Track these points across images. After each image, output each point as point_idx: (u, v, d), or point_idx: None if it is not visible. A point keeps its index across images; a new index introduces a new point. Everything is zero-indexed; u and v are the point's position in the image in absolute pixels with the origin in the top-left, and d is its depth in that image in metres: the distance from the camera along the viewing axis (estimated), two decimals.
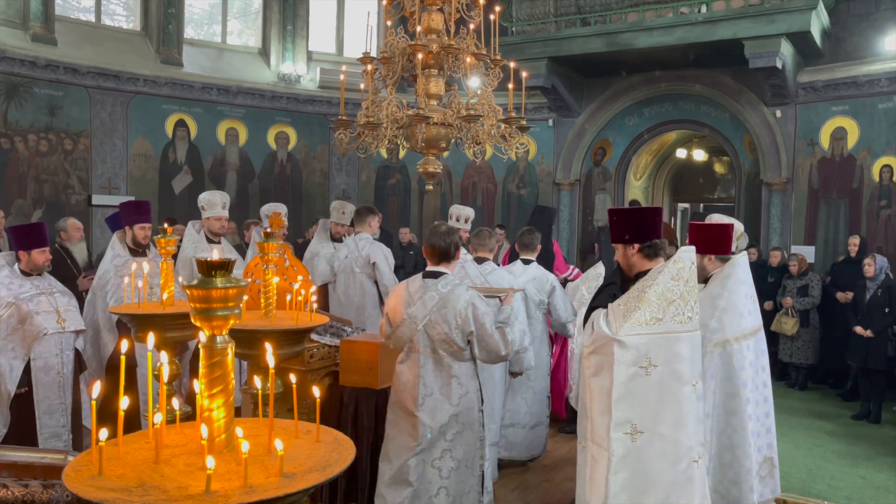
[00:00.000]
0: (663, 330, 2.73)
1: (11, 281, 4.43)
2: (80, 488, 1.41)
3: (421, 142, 5.07)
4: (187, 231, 5.86)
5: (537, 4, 10.33)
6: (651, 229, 3.04)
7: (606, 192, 11.67)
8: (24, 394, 4.38)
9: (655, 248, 3.01)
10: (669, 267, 2.81)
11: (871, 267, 7.02)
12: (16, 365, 4.34)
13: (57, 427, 4.49)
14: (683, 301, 2.79)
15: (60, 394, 4.50)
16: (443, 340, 3.60)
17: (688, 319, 2.78)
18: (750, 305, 3.65)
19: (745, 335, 3.57)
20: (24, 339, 4.35)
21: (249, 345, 2.88)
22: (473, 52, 5.11)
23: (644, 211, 3.24)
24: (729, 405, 3.50)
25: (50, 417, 4.47)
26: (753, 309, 3.68)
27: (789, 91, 9.67)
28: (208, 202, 5.82)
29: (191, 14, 11.79)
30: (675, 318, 2.75)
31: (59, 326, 4.47)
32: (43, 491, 2.45)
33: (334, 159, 12.40)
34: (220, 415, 1.61)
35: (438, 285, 3.64)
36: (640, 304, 2.74)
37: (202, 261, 1.61)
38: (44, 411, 4.44)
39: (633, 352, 2.71)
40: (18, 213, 9.32)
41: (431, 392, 3.62)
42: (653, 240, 3.03)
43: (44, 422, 4.44)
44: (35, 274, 4.52)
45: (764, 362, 3.74)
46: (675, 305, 2.76)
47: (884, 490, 5.19)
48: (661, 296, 2.75)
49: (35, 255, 4.44)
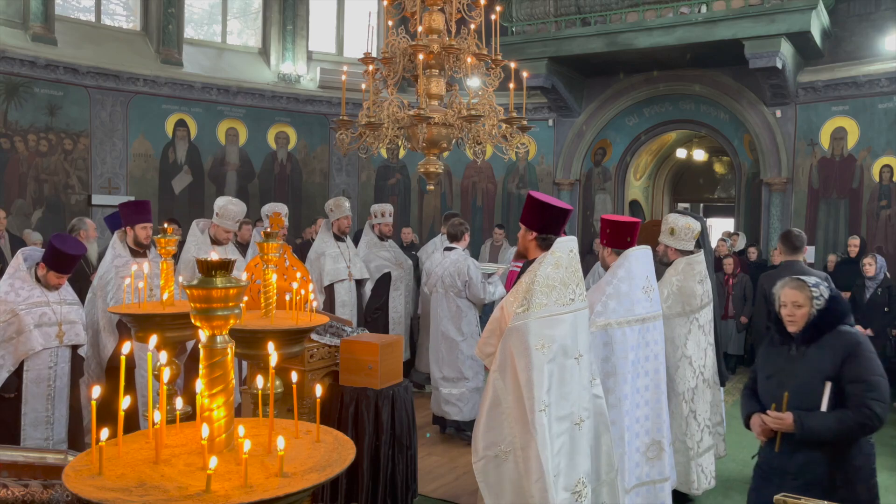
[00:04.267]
0: (547, 314, 3.16)
1: (21, 286, 4.35)
2: (80, 488, 1.41)
3: (422, 142, 5.07)
4: (191, 230, 5.81)
5: (537, 4, 10.33)
6: (555, 226, 3.45)
7: (606, 192, 11.67)
8: (12, 399, 4.29)
9: (549, 243, 3.38)
10: (548, 257, 3.23)
11: (872, 267, 7.03)
12: (1, 375, 4.25)
13: (40, 440, 4.39)
14: (564, 286, 3.23)
15: (48, 406, 4.40)
16: (450, 285, 5.93)
17: (569, 301, 3.23)
18: (641, 296, 3.92)
19: (629, 321, 3.83)
20: (15, 352, 4.26)
21: (249, 345, 2.88)
22: (474, 52, 5.11)
23: (556, 210, 3.50)
24: (606, 384, 3.70)
25: (34, 429, 4.37)
26: (647, 299, 3.95)
27: (789, 91, 9.67)
28: (224, 211, 5.65)
29: (191, 14, 11.79)
30: (557, 302, 3.19)
31: (57, 341, 4.38)
32: (43, 491, 2.45)
33: (334, 159, 12.40)
34: (220, 415, 1.61)
35: (451, 255, 6.02)
36: (529, 296, 3.16)
37: (202, 261, 1.61)
38: (29, 423, 4.35)
39: (531, 336, 3.12)
40: (18, 213, 9.32)
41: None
42: (548, 235, 3.44)
43: (28, 433, 4.35)
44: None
45: (656, 350, 4.00)
46: (556, 291, 3.18)
47: (884, 490, 5.16)
48: (546, 286, 3.17)
49: (51, 276, 4.37)
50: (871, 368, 2.98)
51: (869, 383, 2.94)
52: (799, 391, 3.03)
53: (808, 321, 3.06)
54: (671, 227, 4.70)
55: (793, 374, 3.08)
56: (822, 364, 3.01)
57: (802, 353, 3.09)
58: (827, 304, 3.07)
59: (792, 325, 3.10)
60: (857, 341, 3.03)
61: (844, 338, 3.05)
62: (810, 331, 3.06)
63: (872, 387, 2.93)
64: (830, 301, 3.08)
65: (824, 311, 3.07)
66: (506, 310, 3.25)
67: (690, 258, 4.65)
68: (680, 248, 4.69)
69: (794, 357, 3.11)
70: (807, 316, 3.06)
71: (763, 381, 3.24)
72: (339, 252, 6.82)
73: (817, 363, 3.02)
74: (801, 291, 3.09)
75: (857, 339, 3.04)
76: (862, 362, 2.99)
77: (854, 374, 2.96)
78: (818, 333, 3.05)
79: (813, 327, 3.06)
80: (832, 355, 3.01)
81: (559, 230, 3.48)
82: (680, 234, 4.68)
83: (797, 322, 3.08)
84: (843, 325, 3.11)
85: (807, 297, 3.06)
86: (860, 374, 2.96)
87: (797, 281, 3.14)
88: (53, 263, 4.37)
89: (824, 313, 3.06)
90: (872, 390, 2.93)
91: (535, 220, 3.48)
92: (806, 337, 3.07)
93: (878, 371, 2.97)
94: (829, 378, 2.98)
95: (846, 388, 2.96)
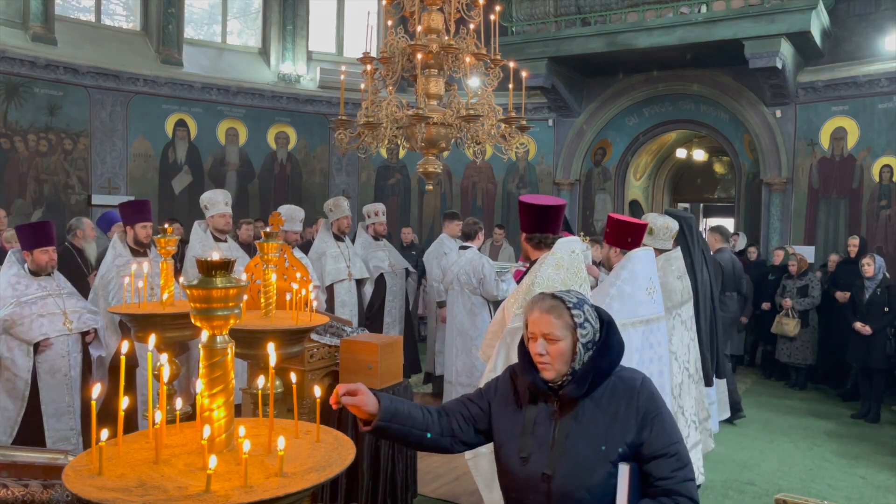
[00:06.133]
0: None
1: (18, 281, 4.37)
2: (80, 488, 1.41)
3: (421, 142, 5.07)
4: (193, 231, 5.87)
5: (537, 4, 10.33)
6: (546, 224, 3.47)
7: (606, 192, 11.67)
8: (29, 398, 4.31)
9: (536, 241, 3.38)
10: (549, 259, 3.22)
11: (871, 267, 7.02)
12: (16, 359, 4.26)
13: (65, 430, 4.42)
14: (565, 285, 3.18)
15: (68, 396, 4.44)
16: (465, 283, 6.14)
17: None
18: (645, 297, 3.93)
19: (633, 322, 3.81)
20: (26, 335, 4.28)
21: (249, 345, 2.88)
22: (473, 51, 5.11)
23: (540, 208, 3.55)
24: None
25: (58, 421, 4.40)
26: (650, 301, 3.96)
27: (789, 91, 9.67)
28: (211, 200, 5.83)
29: (191, 14, 11.79)
30: None
31: (66, 329, 4.42)
32: (43, 491, 2.45)
33: (334, 159, 12.40)
34: (220, 415, 1.61)
35: (466, 253, 6.26)
36: (529, 297, 3.16)
37: (202, 260, 1.61)
38: (51, 414, 4.37)
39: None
40: (18, 213, 9.32)
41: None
42: (533, 234, 3.46)
43: (51, 425, 4.37)
44: (44, 274, 4.46)
45: (660, 352, 3.99)
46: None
47: (884, 490, 5.19)
48: (546, 287, 3.15)
49: (37, 254, 4.38)
50: (673, 429, 1.94)
51: (678, 457, 1.90)
52: (570, 473, 1.90)
53: (572, 367, 1.94)
54: (650, 227, 4.79)
55: (556, 445, 1.93)
56: (600, 429, 1.92)
57: (572, 414, 1.95)
58: (599, 335, 1.98)
59: (547, 369, 1.95)
60: (650, 391, 1.96)
61: (631, 386, 1.95)
62: (579, 381, 1.93)
63: (682, 460, 1.91)
64: (606, 330, 1.99)
65: (599, 349, 1.96)
66: (507, 311, 3.25)
67: (668, 254, 4.78)
68: (658, 247, 4.77)
69: (554, 418, 1.97)
70: (568, 355, 1.94)
71: (507, 453, 2.03)
72: (339, 252, 6.84)
73: (593, 428, 1.92)
74: (555, 317, 1.95)
75: (649, 388, 1.97)
76: (665, 422, 1.92)
77: (658, 445, 1.90)
78: (589, 382, 1.93)
79: (582, 376, 1.93)
80: (617, 415, 1.92)
81: (551, 227, 3.50)
82: (658, 234, 4.82)
83: (553, 365, 1.94)
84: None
85: (566, 324, 1.95)
86: (664, 443, 1.90)
87: (552, 300, 1.98)
88: (32, 241, 4.38)
89: (598, 352, 1.96)
90: (683, 466, 1.90)
91: (524, 221, 3.53)
92: (583, 390, 1.93)
93: (678, 432, 1.96)
94: (617, 450, 1.89)
95: (646, 465, 1.90)
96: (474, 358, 6.08)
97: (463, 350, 6.23)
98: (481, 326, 6.13)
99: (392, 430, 2.00)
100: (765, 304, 8.69)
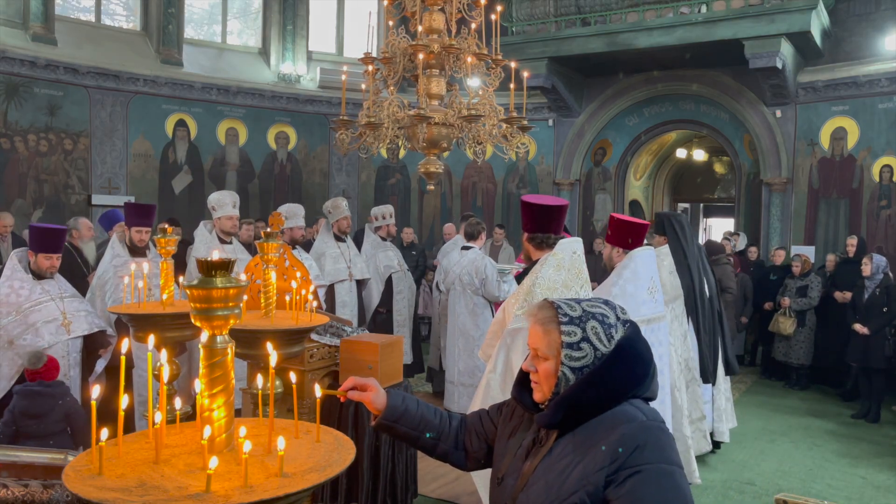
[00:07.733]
0: None
1: (21, 286, 4.38)
2: (79, 488, 1.41)
3: (422, 142, 5.07)
4: (199, 231, 5.88)
5: (537, 4, 10.33)
6: (548, 224, 3.49)
7: (606, 192, 11.67)
8: None
9: (538, 241, 3.41)
10: (550, 259, 3.23)
11: (868, 266, 7.02)
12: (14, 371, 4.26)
13: None
14: (566, 288, 3.22)
15: None
16: (468, 283, 6.18)
17: None
18: (647, 296, 3.97)
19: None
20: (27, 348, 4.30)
21: (249, 345, 2.87)
22: (474, 51, 5.11)
23: (542, 207, 3.57)
24: None
25: None
26: (651, 300, 4.01)
27: (789, 91, 9.67)
28: (219, 202, 5.79)
29: (191, 14, 11.79)
30: None
31: (66, 334, 4.42)
32: (43, 491, 2.45)
33: (334, 159, 12.40)
34: (220, 415, 1.61)
35: (469, 254, 6.30)
36: (529, 298, 3.20)
37: (202, 260, 1.60)
38: None
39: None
40: (18, 213, 9.31)
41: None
42: (535, 233, 3.48)
43: None
44: (48, 276, 4.50)
45: (661, 352, 4.04)
46: (557, 293, 3.20)
47: (884, 490, 5.19)
48: (546, 288, 3.18)
49: (41, 259, 4.42)
50: (658, 499, 1.44)
51: None
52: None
53: (555, 391, 1.60)
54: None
55: (523, 476, 1.64)
56: (566, 470, 1.54)
57: (548, 444, 1.62)
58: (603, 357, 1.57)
59: (536, 388, 1.66)
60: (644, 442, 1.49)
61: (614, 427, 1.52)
62: (553, 409, 1.58)
63: None
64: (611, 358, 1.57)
65: (589, 377, 1.56)
66: (507, 311, 3.25)
67: (659, 250, 4.90)
68: None
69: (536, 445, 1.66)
70: (554, 377, 1.60)
71: (493, 469, 1.81)
72: (339, 252, 6.84)
73: (558, 466, 1.56)
74: (543, 332, 1.62)
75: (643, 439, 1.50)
76: (646, 487, 1.45)
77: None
78: (574, 417, 1.57)
79: (563, 405, 1.56)
80: (585, 457, 1.52)
81: (553, 227, 3.50)
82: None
83: (541, 386, 1.63)
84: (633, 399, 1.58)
85: (553, 342, 1.60)
86: None
87: (547, 311, 1.64)
88: (39, 245, 4.40)
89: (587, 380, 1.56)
90: None
91: (527, 220, 3.54)
92: (556, 420, 1.58)
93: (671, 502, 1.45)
94: (573, 500, 1.49)
95: None
96: (476, 359, 6.08)
97: (465, 351, 6.23)
98: (483, 327, 6.13)
99: (399, 431, 1.93)
100: (767, 304, 8.69)
